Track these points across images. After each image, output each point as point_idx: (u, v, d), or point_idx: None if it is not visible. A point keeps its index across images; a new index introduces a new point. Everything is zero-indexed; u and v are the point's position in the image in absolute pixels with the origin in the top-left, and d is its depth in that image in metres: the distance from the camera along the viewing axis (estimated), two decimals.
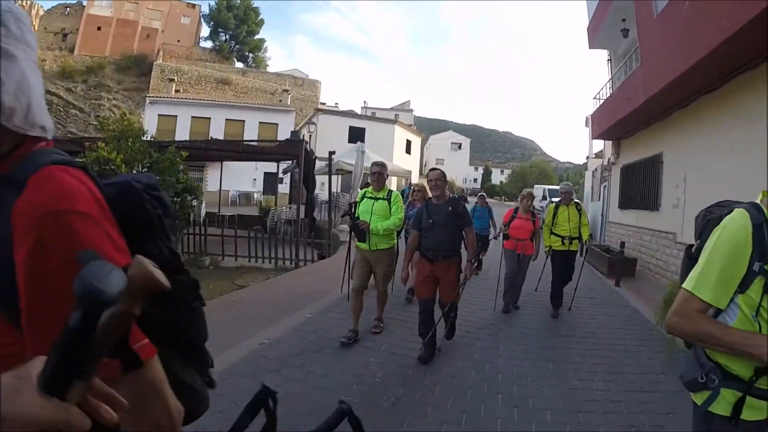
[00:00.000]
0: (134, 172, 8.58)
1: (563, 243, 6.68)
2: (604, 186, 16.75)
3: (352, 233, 5.39)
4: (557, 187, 31.63)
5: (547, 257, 7.02)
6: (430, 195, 4.90)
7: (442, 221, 4.57)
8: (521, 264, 6.71)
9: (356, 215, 5.17)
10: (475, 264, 5.64)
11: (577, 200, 7.30)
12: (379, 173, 5.21)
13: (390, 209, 5.08)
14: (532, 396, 3.92)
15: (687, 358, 1.66)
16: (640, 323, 6.45)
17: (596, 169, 20.60)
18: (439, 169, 4.92)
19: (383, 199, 5.15)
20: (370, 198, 5.21)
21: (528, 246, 6.73)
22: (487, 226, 9.58)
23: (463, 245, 4.79)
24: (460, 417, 3.49)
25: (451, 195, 5.39)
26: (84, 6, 57.57)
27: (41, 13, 59.75)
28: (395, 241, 5.33)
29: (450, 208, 4.62)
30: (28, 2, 71.26)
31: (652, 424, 3.51)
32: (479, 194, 10.28)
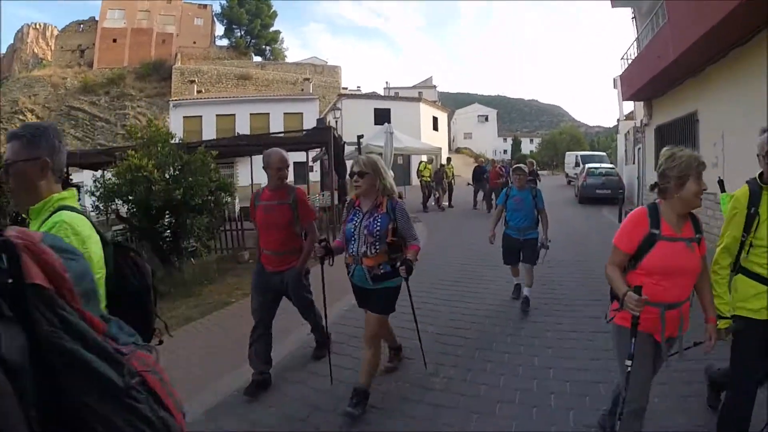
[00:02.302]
0: (167, 175, 8.75)
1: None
2: (638, 148, 16.30)
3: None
4: (590, 153, 30.98)
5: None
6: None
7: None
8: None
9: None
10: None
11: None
12: None
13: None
14: (584, 369, 3.90)
15: None
16: None
17: (628, 132, 20.04)
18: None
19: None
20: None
21: None
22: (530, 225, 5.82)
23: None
24: (513, 394, 3.50)
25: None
26: (97, 21, 58.59)
27: (56, 33, 61.29)
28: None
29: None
30: (42, 24, 73.16)
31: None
32: (514, 167, 6.28)
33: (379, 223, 3.25)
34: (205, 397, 3.65)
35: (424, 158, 18.98)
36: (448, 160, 19.84)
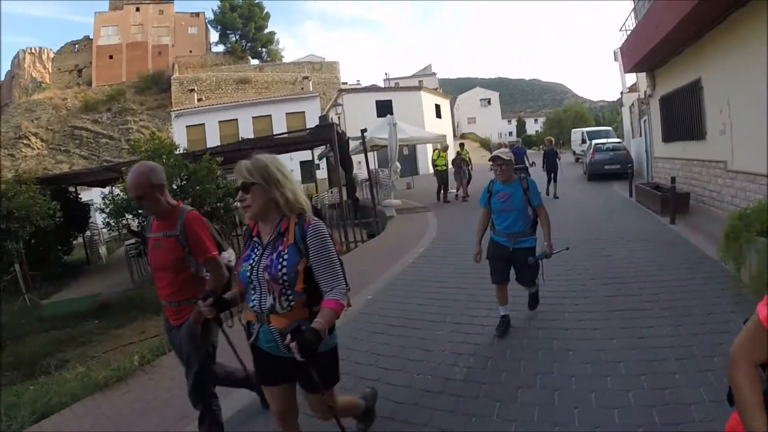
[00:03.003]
0: (174, 186, 8.83)
1: None
2: (644, 120, 16.11)
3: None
4: (596, 129, 30.69)
5: None
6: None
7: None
8: None
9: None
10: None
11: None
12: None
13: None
14: (603, 349, 3.89)
15: None
16: (702, 260, 6.25)
17: (633, 104, 19.82)
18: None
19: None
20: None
21: None
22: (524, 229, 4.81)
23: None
24: (533, 379, 3.52)
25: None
26: (91, 39, 58.93)
27: (52, 55, 61.74)
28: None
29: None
30: (38, 48, 73.62)
31: (726, 366, 3.40)
32: (492, 155, 4.47)
33: (284, 262, 2.13)
34: (230, 403, 3.69)
35: (438, 146, 17.69)
36: (461, 145, 19.07)
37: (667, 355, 3.66)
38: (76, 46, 61.49)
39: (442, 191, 15.95)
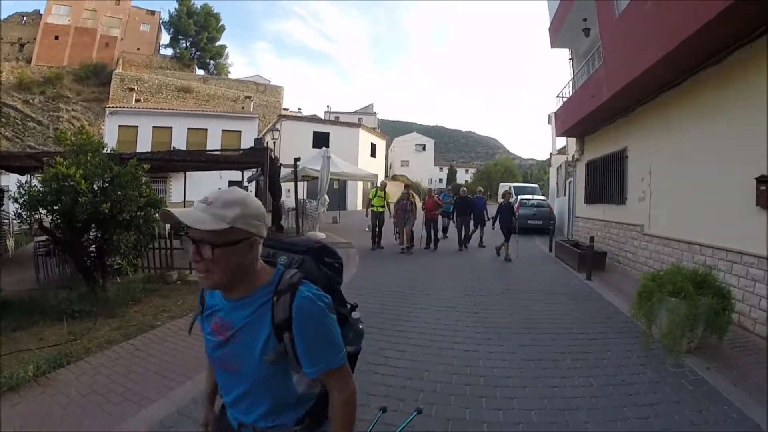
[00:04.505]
0: (95, 187, 8.27)
1: None
2: (569, 182, 17.07)
3: None
4: (523, 185, 32.18)
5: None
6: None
7: None
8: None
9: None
10: None
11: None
12: None
13: None
14: (516, 397, 3.91)
15: None
16: (614, 316, 6.57)
17: (560, 166, 21.00)
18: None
19: None
20: None
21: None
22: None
23: None
24: (446, 424, 3.45)
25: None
26: (41, 15, 55.76)
27: None
28: None
29: None
30: None
31: (636, 416, 3.55)
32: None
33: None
34: (127, 427, 3.37)
35: (377, 184, 15.86)
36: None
37: (579, 405, 3.74)
38: (24, 18, 57.61)
39: (377, 237, 13.68)
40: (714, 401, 3.79)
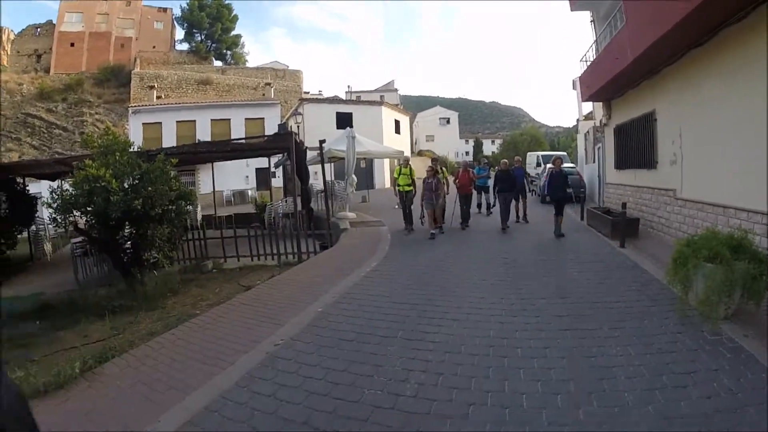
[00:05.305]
0: (125, 185, 8.48)
1: None
2: (598, 147, 16.68)
3: None
4: (550, 153, 31.65)
5: None
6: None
7: None
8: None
9: None
10: None
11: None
12: None
13: None
14: (553, 367, 3.91)
15: None
16: (650, 283, 6.44)
17: (588, 132, 20.50)
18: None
19: None
20: None
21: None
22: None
23: None
24: (485, 397, 3.48)
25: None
26: (54, 24, 56.75)
27: (12, 37, 58.85)
28: None
29: None
30: None
31: (674, 384, 3.50)
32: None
33: None
34: (173, 415, 3.50)
35: (400, 160, 15.23)
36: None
37: (617, 374, 3.71)
38: (38, 29, 58.84)
39: (407, 219, 12.50)
40: (752, 369, 3.70)
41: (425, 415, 3.28)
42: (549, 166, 19.67)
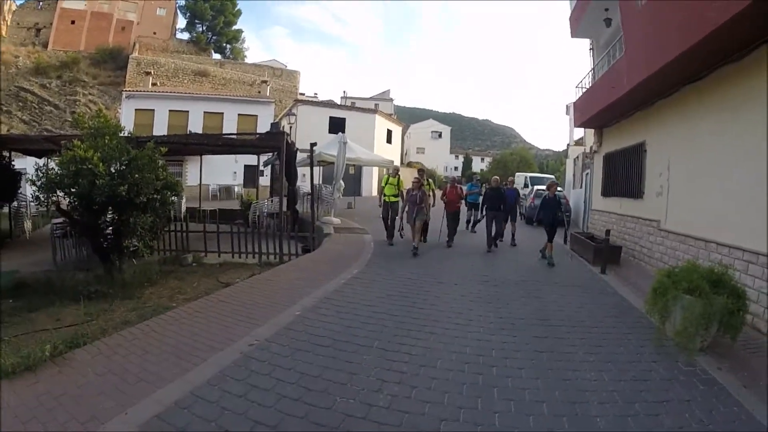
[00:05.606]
0: (112, 170, 8.35)
1: None
2: (587, 173, 16.86)
3: None
4: (539, 175, 32.03)
5: None
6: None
7: None
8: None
9: None
10: None
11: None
12: None
13: None
14: (528, 388, 3.92)
15: None
16: (628, 311, 6.51)
17: (578, 157, 20.74)
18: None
19: None
20: None
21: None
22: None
23: None
24: (457, 413, 3.47)
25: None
26: (57, 0, 56.07)
27: (13, 8, 57.97)
28: None
29: None
30: None
31: (646, 413, 3.53)
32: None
33: None
34: (143, 407, 3.43)
35: (389, 170, 15.34)
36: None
37: (590, 398, 3.73)
38: (41, 3, 57.88)
39: (388, 231, 12.16)
40: (724, 402, 3.77)
41: (397, 427, 3.26)
42: (539, 188, 19.83)
